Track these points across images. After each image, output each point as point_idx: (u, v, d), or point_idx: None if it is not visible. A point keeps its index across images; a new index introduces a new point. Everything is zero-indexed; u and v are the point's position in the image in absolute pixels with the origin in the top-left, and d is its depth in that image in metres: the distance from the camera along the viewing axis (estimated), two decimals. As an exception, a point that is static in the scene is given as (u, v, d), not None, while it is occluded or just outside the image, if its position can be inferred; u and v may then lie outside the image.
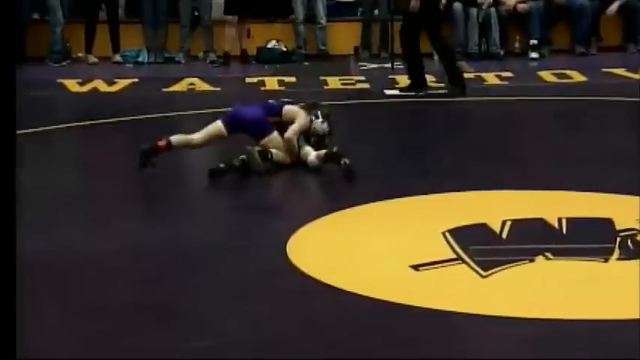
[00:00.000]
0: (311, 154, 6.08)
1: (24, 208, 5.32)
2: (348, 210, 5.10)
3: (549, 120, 8.10)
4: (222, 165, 5.84)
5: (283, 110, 6.23)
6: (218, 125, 6.13)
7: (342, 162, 5.78)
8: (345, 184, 5.83)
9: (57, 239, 4.70)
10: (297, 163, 6.05)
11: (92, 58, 11.34)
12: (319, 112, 6.29)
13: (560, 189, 5.43)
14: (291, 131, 6.11)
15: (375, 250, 4.48)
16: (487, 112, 8.62)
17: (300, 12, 11.61)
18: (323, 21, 11.63)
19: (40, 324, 3.66)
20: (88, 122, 7.89)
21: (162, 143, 6.02)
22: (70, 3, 11.73)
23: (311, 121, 6.23)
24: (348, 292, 3.88)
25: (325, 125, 6.26)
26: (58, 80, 10.14)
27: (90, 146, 7.37)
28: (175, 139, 6.08)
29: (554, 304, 3.77)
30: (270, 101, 6.42)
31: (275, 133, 6.11)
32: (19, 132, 7.32)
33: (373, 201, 5.26)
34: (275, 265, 4.25)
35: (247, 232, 4.84)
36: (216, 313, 3.73)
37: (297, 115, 6.21)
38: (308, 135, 6.23)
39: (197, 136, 6.12)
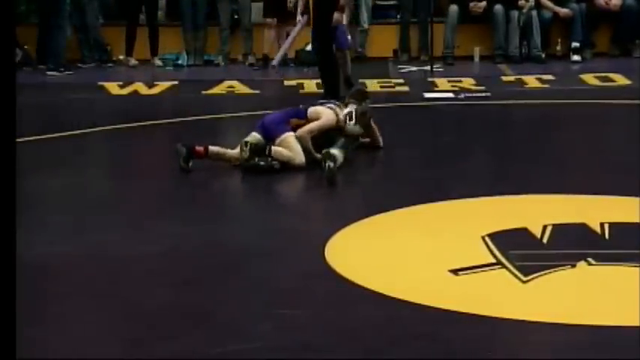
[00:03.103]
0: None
1: (60, 210, 5.37)
2: (387, 213, 5.06)
3: (592, 123, 7.99)
4: (262, 162, 5.92)
5: (308, 112, 6.24)
6: (252, 135, 6.16)
7: (326, 164, 5.70)
8: (384, 187, 5.80)
9: (93, 242, 4.71)
10: (311, 163, 6.00)
11: (132, 61, 11.41)
12: (353, 113, 6.29)
13: (602, 194, 5.35)
14: (303, 130, 6.08)
15: (414, 253, 4.44)
16: (528, 116, 8.54)
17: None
18: (365, 25, 11.60)
19: (75, 327, 3.66)
20: (127, 125, 7.93)
21: (199, 148, 6.09)
22: (110, 6, 11.83)
23: (345, 121, 6.23)
24: (387, 296, 3.85)
25: (358, 127, 6.25)
26: (99, 83, 10.22)
27: (129, 149, 7.40)
28: (213, 148, 6.16)
29: (597, 310, 3.71)
30: (301, 106, 6.43)
31: (288, 134, 6.09)
32: (59, 134, 7.42)
33: (412, 204, 5.22)
34: (313, 268, 4.23)
35: (285, 235, 4.82)
36: (253, 317, 3.70)
37: (322, 114, 6.19)
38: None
39: (234, 151, 6.14)
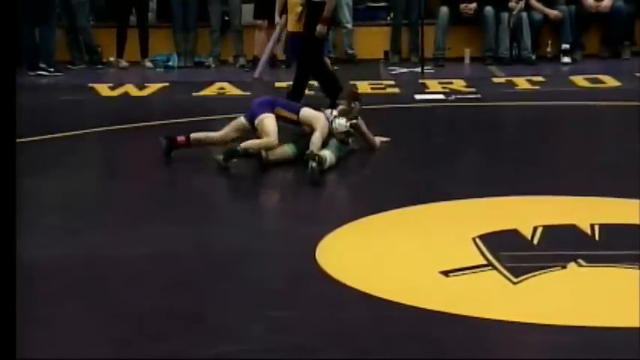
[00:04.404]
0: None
1: (51, 212, 5.36)
2: (378, 215, 5.07)
3: (581, 125, 8.02)
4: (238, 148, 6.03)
5: (301, 111, 6.28)
6: (239, 119, 6.28)
7: (310, 165, 5.72)
8: (374, 189, 5.81)
9: (84, 243, 4.70)
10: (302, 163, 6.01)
11: (123, 63, 11.39)
12: (338, 111, 6.35)
13: (592, 195, 5.36)
14: (314, 146, 6.06)
15: (405, 255, 4.44)
16: (518, 117, 8.55)
17: None
18: (349, 25, 11.60)
19: (66, 329, 3.66)
20: (118, 126, 7.91)
21: (181, 138, 6.29)
22: (101, 8, 11.82)
23: (331, 121, 6.27)
24: (378, 297, 3.85)
25: (343, 127, 6.29)
26: (89, 84, 10.19)
27: (120, 150, 7.39)
28: (195, 135, 6.34)
29: (587, 311, 3.72)
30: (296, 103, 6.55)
31: (266, 114, 6.15)
32: (49, 136, 7.40)
33: (403, 206, 5.22)
34: (304, 269, 4.23)
35: (276, 236, 4.82)
36: (243, 318, 3.70)
37: (316, 121, 6.21)
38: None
39: (217, 133, 6.24)
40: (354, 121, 6.44)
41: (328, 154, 5.98)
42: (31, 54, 10.85)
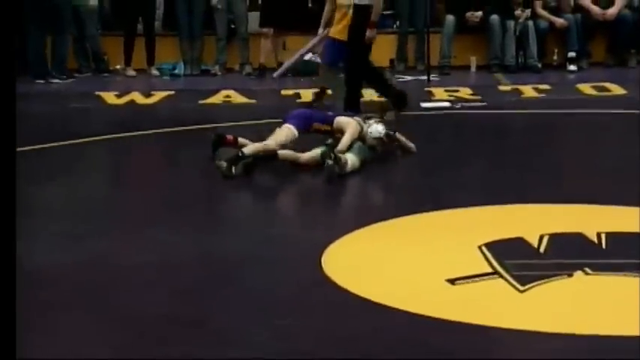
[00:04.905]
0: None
1: (57, 218, 5.37)
2: (384, 222, 5.06)
3: (588, 133, 8.01)
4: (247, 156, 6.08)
5: (335, 120, 6.43)
6: (285, 126, 6.34)
7: (326, 162, 5.83)
8: (381, 196, 5.81)
9: (89, 250, 4.70)
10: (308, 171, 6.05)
11: (131, 71, 11.40)
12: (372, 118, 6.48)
13: (599, 203, 5.35)
14: (342, 145, 6.17)
15: (411, 263, 4.43)
16: (525, 125, 8.55)
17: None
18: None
19: (70, 335, 3.65)
20: (124, 134, 7.92)
21: (229, 137, 6.43)
22: (107, 16, 11.85)
23: (367, 125, 6.36)
24: (384, 305, 3.84)
25: (379, 132, 6.40)
26: (96, 92, 10.21)
27: (126, 158, 7.40)
28: (241, 139, 6.43)
29: (593, 319, 3.70)
30: (330, 113, 6.70)
31: (289, 126, 6.26)
32: (55, 144, 7.41)
33: (409, 213, 5.22)
34: (309, 277, 4.22)
35: (281, 243, 4.81)
36: (247, 326, 3.69)
37: (347, 125, 6.33)
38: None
39: (268, 141, 6.26)
40: (391, 132, 6.50)
41: (350, 158, 6.02)
42: (39, 62, 10.87)
